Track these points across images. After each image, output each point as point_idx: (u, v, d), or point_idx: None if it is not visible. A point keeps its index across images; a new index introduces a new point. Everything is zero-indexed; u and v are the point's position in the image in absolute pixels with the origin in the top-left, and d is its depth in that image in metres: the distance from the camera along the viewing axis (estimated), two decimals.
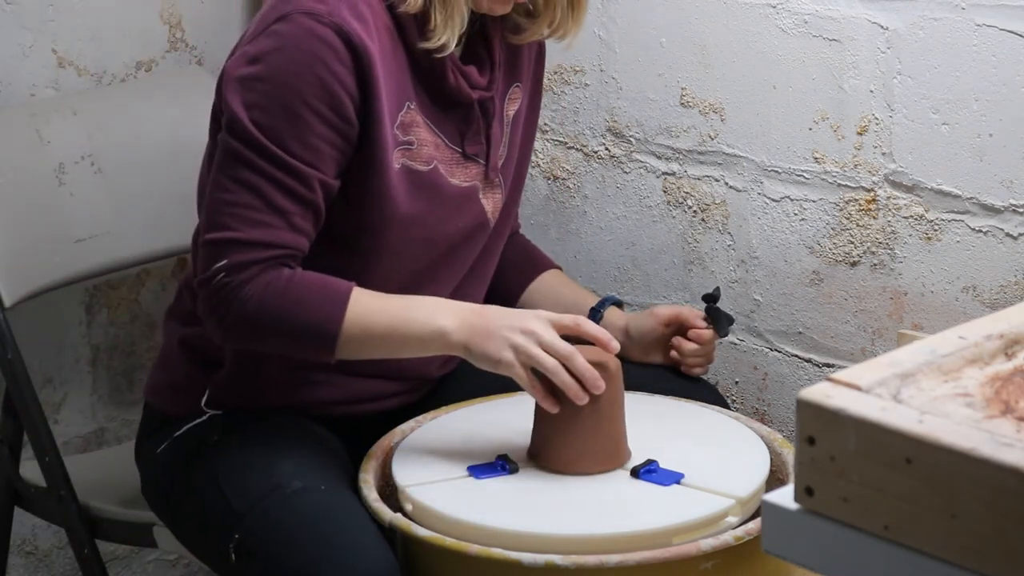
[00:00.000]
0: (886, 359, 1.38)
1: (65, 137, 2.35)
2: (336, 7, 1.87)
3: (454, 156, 2.00)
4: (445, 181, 1.99)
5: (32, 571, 2.61)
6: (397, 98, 1.93)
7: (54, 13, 2.47)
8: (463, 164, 2.02)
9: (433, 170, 1.98)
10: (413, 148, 1.96)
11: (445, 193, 2.00)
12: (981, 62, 2.10)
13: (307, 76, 1.86)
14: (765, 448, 1.98)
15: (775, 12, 2.28)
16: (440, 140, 1.99)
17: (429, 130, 1.98)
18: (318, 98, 1.86)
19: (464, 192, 2.02)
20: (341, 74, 1.86)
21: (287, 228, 1.88)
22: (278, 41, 1.88)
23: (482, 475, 1.92)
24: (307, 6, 1.87)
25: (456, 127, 2.00)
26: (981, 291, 2.16)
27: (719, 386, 2.46)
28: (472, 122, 2.02)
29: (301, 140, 1.87)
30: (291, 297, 1.87)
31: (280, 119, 1.87)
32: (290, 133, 1.87)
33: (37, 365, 2.51)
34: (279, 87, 1.87)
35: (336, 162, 1.90)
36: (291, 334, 1.89)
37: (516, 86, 2.10)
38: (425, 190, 1.97)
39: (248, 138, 1.87)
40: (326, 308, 1.87)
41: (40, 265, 2.31)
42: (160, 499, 2.06)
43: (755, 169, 2.36)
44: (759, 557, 1.71)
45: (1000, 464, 1.19)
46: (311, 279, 1.89)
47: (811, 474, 1.30)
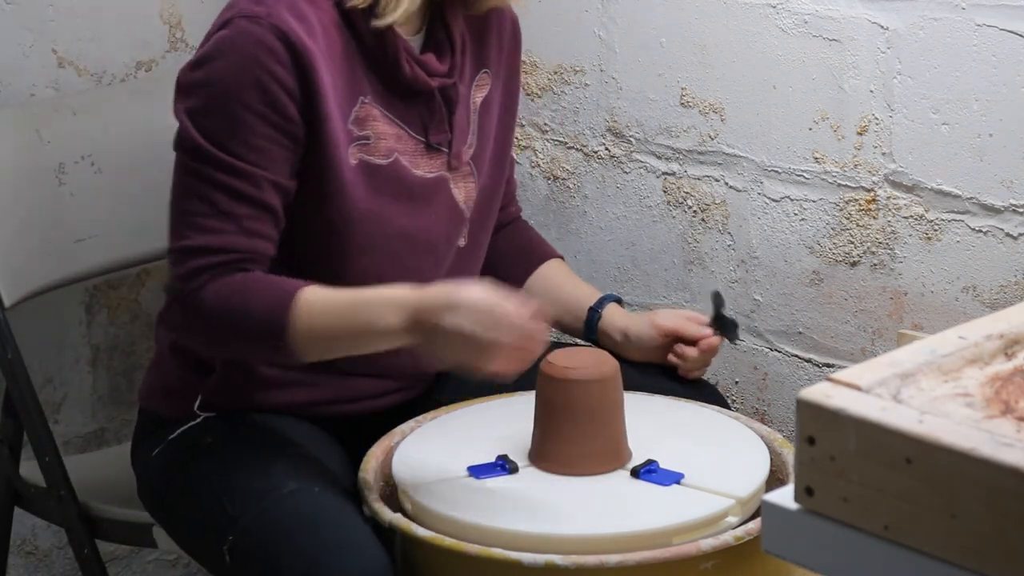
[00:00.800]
0: (886, 359, 1.38)
1: (65, 137, 2.35)
2: (274, 8, 1.88)
3: (418, 146, 1.99)
4: (408, 173, 1.98)
5: (32, 571, 2.61)
6: (348, 93, 1.93)
7: (54, 13, 2.47)
8: (428, 154, 2.00)
9: (394, 163, 1.97)
10: (370, 142, 1.95)
11: (409, 185, 1.99)
12: (981, 62, 2.10)
13: (246, 79, 1.87)
14: (765, 448, 1.98)
15: (775, 12, 2.28)
16: (402, 131, 1.98)
17: (388, 122, 1.97)
18: (258, 100, 1.87)
19: (431, 183, 2.01)
20: (279, 74, 1.87)
21: (239, 232, 1.88)
22: (218, 46, 1.89)
23: (482, 475, 1.92)
24: (246, 9, 1.89)
25: (419, 116, 1.99)
26: (981, 291, 2.16)
27: (719, 386, 2.46)
28: (435, 111, 2.00)
29: (245, 142, 1.87)
30: (239, 300, 1.86)
31: (222, 123, 1.87)
32: (233, 136, 1.87)
33: (37, 365, 2.51)
34: (219, 91, 1.88)
35: (287, 161, 1.90)
36: (245, 337, 1.88)
37: (484, 72, 2.08)
38: (386, 184, 1.97)
39: (194, 145, 1.89)
40: (273, 310, 1.84)
41: (40, 265, 2.31)
42: (156, 502, 2.06)
43: (755, 169, 2.36)
44: (759, 557, 1.71)
45: (1000, 464, 1.19)
46: (261, 281, 1.88)
47: (811, 474, 1.30)
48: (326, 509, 1.86)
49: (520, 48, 2.17)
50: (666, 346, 2.16)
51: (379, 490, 1.92)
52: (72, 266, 2.33)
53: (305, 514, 1.85)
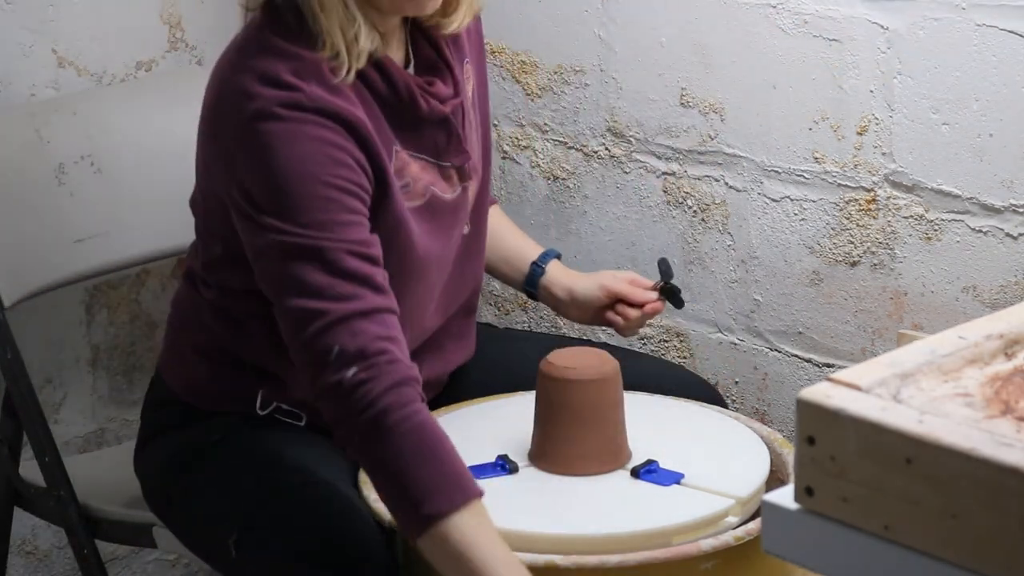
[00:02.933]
0: (886, 359, 1.38)
1: (65, 137, 2.35)
2: (309, 89, 1.81)
3: (439, 171, 1.97)
4: (441, 202, 1.97)
5: (32, 571, 2.61)
6: (386, 149, 1.89)
7: (54, 13, 2.47)
8: (448, 176, 1.99)
9: (430, 199, 1.95)
10: (410, 188, 1.93)
11: (444, 212, 1.98)
12: (981, 62, 2.10)
13: (316, 157, 1.79)
14: (765, 448, 1.99)
15: (775, 12, 2.28)
16: (425, 162, 1.95)
17: (414, 158, 1.94)
18: (333, 172, 1.80)
19: (456, 201, 2.00)
20: (340, 142, 1.81)
21: (371, 290, 1.80)
22: (271, 140, 1.80)
23: (482, 475, 1.92)
24: (284, 97, 1.80)
25: (432, 141, 1.96)
26: (981, 291, 2.16)
27: (719, 386, 2.46)
28: (451, 133, 1.97)
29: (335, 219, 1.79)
30: (422, 456, 1.74)
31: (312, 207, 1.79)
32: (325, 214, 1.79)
33: (37, 365, 2.51)
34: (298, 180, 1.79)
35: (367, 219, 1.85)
36: (388, 488, 1.76)
37: (466, 62, 2.05)
38: (429, 221, 1.95)
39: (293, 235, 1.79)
40: (435, 499, 1.72)
41: (40, 265, 2.31)
42: (161, 501, 2.06)
43: (755, 169, 2.36)
44: (759, 557, 1.71)
45: (1000, 464, 1.19)
46: (449, 450, 1.76)
47: (811, 474, 1.30)
48: (331, 502, 1.86)
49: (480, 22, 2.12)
50: (607, 307, 2.16)
51: None
52: (72, 266, 2.33)
53: (310, 507, 1.86)
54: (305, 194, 1.79)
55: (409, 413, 1.74)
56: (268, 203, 1.80)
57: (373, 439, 1.74)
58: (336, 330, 1.76)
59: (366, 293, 1.78)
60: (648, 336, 2.55)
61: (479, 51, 2.11)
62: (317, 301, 1.77)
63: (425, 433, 1.75)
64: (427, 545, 1.73)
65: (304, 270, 1.78)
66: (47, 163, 2.32)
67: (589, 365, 1.93)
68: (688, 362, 2.50)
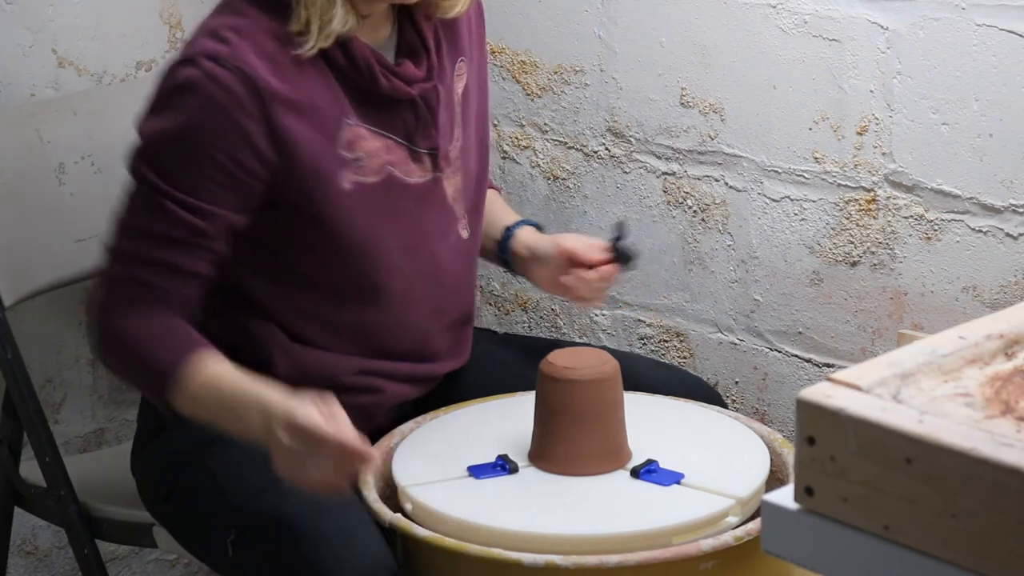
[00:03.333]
0: (886, 359, 1.38)
1: (65, 137, 2.35)
2: (239, 48, 1.86)
3: (406, 154, 1.98)
4: (401, 183, 1.98)
5: (32, 571, 2.61)
6: (333, 119, 1.91)
7: (54, 13, 2.47)
8: (417, 160, 1.99)
9: (387, 177, 1.96)
10: (363, 163, 1.94)
11: (403, 196, 1.98)
12: (981, 62, 2.10)
13: (209, 124, 1.85)
14: (765, 448, 1.98)
15: (775, 12, 2.28)
16: (390, 141, 1.96)
17: (376, 136, 1.95)
18: (219, 147, 1.86)
19: (424, 187, 2.00)
20: (244, 123, 1.85)
21: (175, 264, 1.89)
22: (182, 87, 1.87)
23: (482, 475, 1.92)
24: (209, 48, 1.86)
25: (403, 124, 1.97)
26: (981, 291, 2.16)
27: (719, 386, 2.47)
28: (420, 116, 1.98)
29: (197, 182, 1.87)
30: (144, 341, 1.88)
31: (178, 164, 1.87)
32: (186, 177, 1.87)
33: (37, 365, 2.51)
34: (180, 134, 1.87)
35: (235, 204, 1.89)
36: (136, 378, 1.93)
37: (461, 61, 2.06)
38: (382, 201, 1.96)
39: (146, 180, 1.89)
40: (165, 370, 1.87)
41: (40, 265, 2.31)
42: (159, 502, 2.06)
43: (755, 169, 2.36)
44: (759, 557, 1.71)
45: (1000, 464, 1.19)
46: (169, 330, 1.89)
47: (811, 474, 1.30)
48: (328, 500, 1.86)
49: (484, 25, 2.14)
50: (566, 268, 2.10)
51: (379, 490, 1.92)
52: (72, 266, 2.33)
53: (307, 505, 1.86)
54: (182, 154, 1.86)
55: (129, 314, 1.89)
56: (146, 144, 1.89)
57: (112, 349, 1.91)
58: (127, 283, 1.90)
59: (181, 257, 1.89)
60: (648, 336, 2.55)
61: (480, 53, 2.11)
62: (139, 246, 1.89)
63: (143, 325, 1.89)
64: (185, 404, 1.87)
65: (147, 217, 1.88)
66: (47, 163, 2.32)
67: (589, 365, 1.93)
68: (688, 362, 2.50)
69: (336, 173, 1.92)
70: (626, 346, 2.57)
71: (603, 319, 2.60)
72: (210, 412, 1.87)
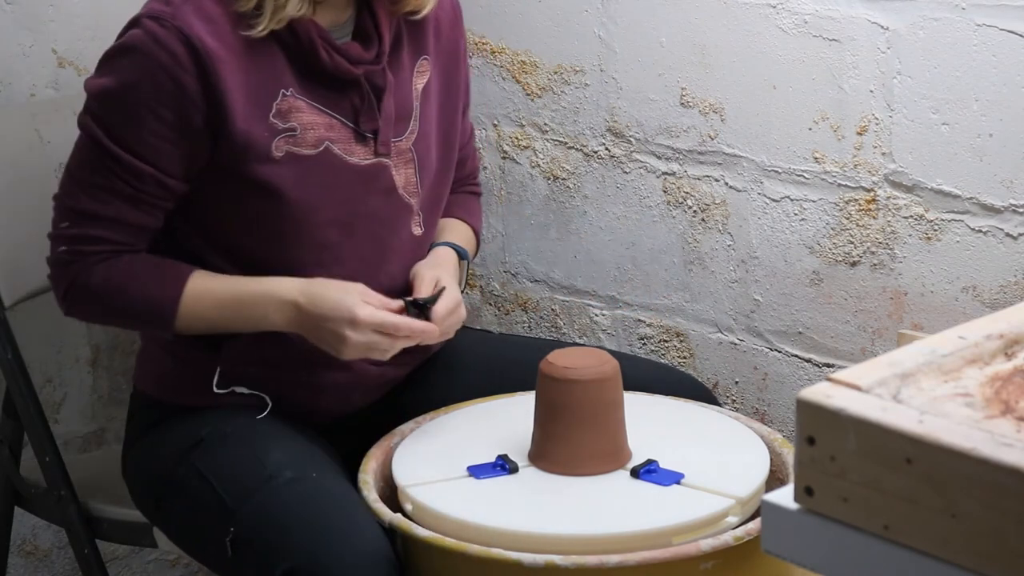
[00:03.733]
0: (886, 359, 1.38)
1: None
2: (180, 9, 1.92)
3: (350, 134, 2.01)
4: (341, 161, 2.00)
5: (32, 571, 2.61)
6: (268, 88, 1.95)
7: (54, 13, 2.47)
8: (362, 142, 2.02)
9: (324, 151, 1.99)
10: (297, 134, 1.97)
11: (342, 173, 2.00)
12: (981, 62, 2.10)
13: (148, 81, 1.91)
14: (765, 448, 1.99)
15: (775, 12, 2.28)
16: (333, 119, 1.99)
17: (317, 112, 1.99)
18: (159, 103, 1.92)
19: (367, 169, 2.02)
20: (182, 79, 1.91)
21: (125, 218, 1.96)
22: (125, 46, 1.94)
23: (482, 475, 1.92)
24: (154, 9, 1.93)
25: (349, 105, 2.01)
26: (981, 291, 2.16)
27: (719, 386, 2.47)
28: (364, 98, 2.01)
29: (141, 140, 1.93)
30: (127, 281, 1.97)
31: (122, 120, 1.94)
32: (129, 133, 1.93)
33: (37, 365, 2.51)
34: (122, 91, 1.93)
35: (178, 161, 1.95)
36: (131, 316, 2.02)
37: (424, 58, 2.09)
38: (316, 174, 1.99)
39: (93, 135, 1.95)
40: (161, 294, 1.97)
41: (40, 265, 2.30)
42: (152, 504, 2.06)
43: (755, 169, 2.36)
44: (759, 557, 1.71)
45: (1000, 464, 1.19)
46: (148, 263, 1.98)
47: (811, 474, 1.30)
48: (325, 494, 1.87)
49: (462, 31, 2.17)
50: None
51: (379, 490, 1.93)
52: None
53: (305, 500, 1.86)
54: (125, 111, 1.93)
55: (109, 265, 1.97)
56: (92, 101, 1.96)
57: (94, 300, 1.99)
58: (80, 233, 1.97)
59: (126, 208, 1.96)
60: (648, 336, 2.55)
61: (450, 58, 2.13)
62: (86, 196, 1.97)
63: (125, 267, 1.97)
64: (186, 322, 1.98)
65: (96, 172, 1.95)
66: (47, 163, 2.32)
67: (589, 365, 1.93)
68: (688, 362, 2.50)
69: (267, 140, 1.95)
70: (626, 346, 2.57)
71: (603, 319, 2.60)
72: (218, 321, 1.98)
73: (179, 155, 1.94)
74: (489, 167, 2.67)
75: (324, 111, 1.99)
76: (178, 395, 2.06)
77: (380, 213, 2.04)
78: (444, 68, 2.12)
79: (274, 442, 1.97)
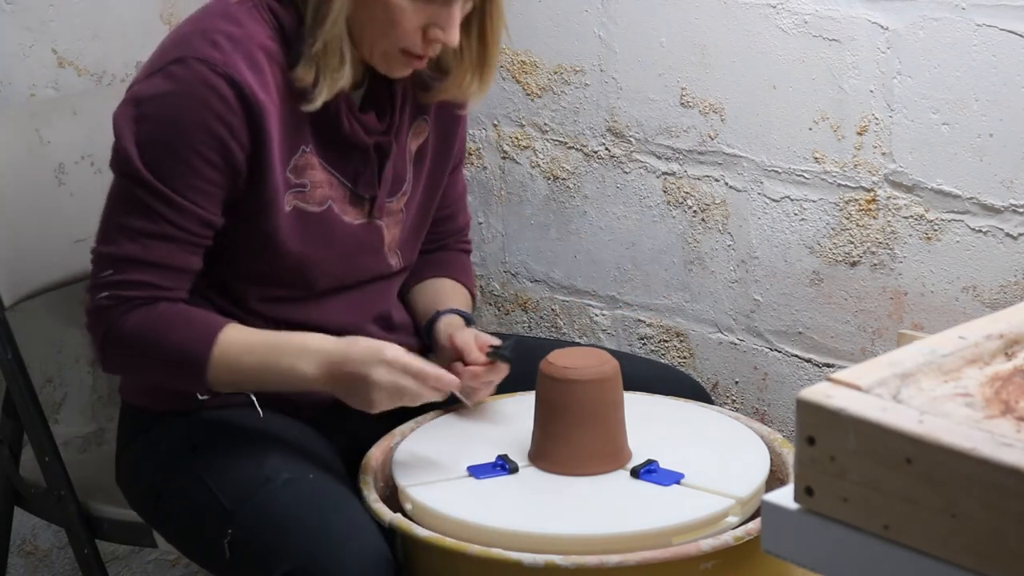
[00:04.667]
0: (886, 359, 1.38)
1: (65, 137, 2.35)
2: (231, 57, 1.91)
3: (347, 194, 2.03)
4: (339, 220, 2.03)
5: (32, 571, 2.61)
6: (291, 143, 1.97)
7: (54, 13, 2.47)
8: (355, 203, 2.05)
9: (327, 210, 2.02)
10: (306, 190, 2.00)
11: (338, 231, 2.03)
12: (981, 62, 2.10)
13: (198, 122, 1.90)
14: (765, 448, 1.98)
15: (775, 12, 2.28)
16: (334, 178, 2.02)
17: (323, 170, 2.01)
18: (207, 145, 1.90)
19: (358, 229, 2.06)
20: (232, 123, 1.90)
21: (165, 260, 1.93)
22: (172, 85, 1.91)
23: (482, 475, 1.92)
24: (204, 53, 1.91)
25: (352, 167, 2.03)
26: (981, 291, 2.16)
27: (719, 386, 2.47)
28: (368, 164, 2.04)
29: (186, 182, 1.91)
30: (162, 331, 1.92)
31: (167, 159, 1.91)
32: (175, 174, 1.90)
33: (37, 365, 2.51)
34: (169, 129, 1.91)
35: (220, 201, 1.95)
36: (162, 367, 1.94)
37: (423, 119, 2.12)
38: (318, 231, 2.01)
39: (135, 173, 1.91)
40: (194, 345, 1.92)
41: (40, 265, 2.31)
42: (149, 507, 2.06)
43: (755, 169, 2.36)
44: (759, 557, 1.71)
45: (1000, 464, 1.19)
46: (184, 314, 1.94)
47: (811, 474, 1.30)
48: (322, 495, 1.87)
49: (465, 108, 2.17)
50: (452, 360, 2.08)
51: (379, 490, 1.92)
52: (72, 266, 2.33)
53: (302, 501, 1.86)
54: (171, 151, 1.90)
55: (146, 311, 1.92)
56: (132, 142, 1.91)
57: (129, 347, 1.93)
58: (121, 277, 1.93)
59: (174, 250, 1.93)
60: (648, 336, 2.55)
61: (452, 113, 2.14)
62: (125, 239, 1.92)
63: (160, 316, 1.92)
64: (219, 378, 1.92)
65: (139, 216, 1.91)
66: (47, 163, 2.33)
67: (589, 365, 1.93)
68: (688, 362, 2.50)
69: (281, 193, 1.97)
70: (626, 346, 2.57)
71: (603, 319, 2.60)
72: (251, 375, 1.93)
73: (221, 195, 1.94)
74: (489, 167, 2.67)
75: (328, 169, 2.01)
76: (163, 403, 2.06)
77: (365, 269, 2.09)
78: (442, 128, 2.15)
79: (271, 443, 1.97)
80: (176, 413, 2.05)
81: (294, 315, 2.04)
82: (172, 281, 1.94)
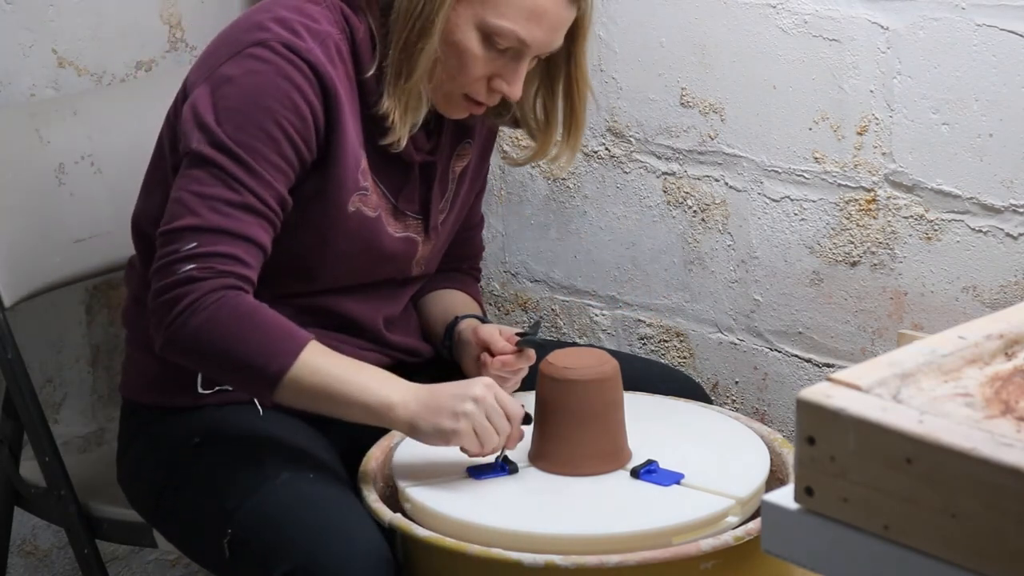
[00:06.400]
0: (886, 359, 1.38)
1: (65, 137, 2.35)
2: (313, 48, 1.93)
3: (390, 207, 2.06)
4: (385, 230, 2.05)
5: (32, 571, 2.61)
6: (358, 146, 1.99)
7: (54, 13, 2.47)
8: (399, 217, 2.07)
9: (378, 218, 2.04)
10: (367, 195, 2.02)
11: (385, 240, 2.05)
12: (981, 62, 2.10)
13: (282, 95, 1.90)
14: (765, 448, 1.98)
15: (775, 12, 2.28)
16: (380, 190, 2.04)
17: (373, 181, 2.03)
18: (287, 119, 1.91)
19: (400, 242, 2.08)
20: (314, 104, 1.92)
21: (255, 228, 1.90)
22: (256, 63, 1.92)
23: (482, 475, 1.92)
24: (286, 38, 1.92)
25: (395, 182, 2.05)
26: (981, 291, 2.16)
27: (719, 386, 2.47)
28: (410, 181, 2.07)
29: (266, 156, 1.91)
30: (246, 328, 1.86)
31: (251, 129, 1.90)
32: (259, 144, 1.90)
33: (37, 365, 2.51)
34: (253, 101, 1.91)
35: (289, 185, 1.94)
36: (233, 367, 1.88)
37: (467, 143, 2.15)
38: (369, 235, 2.03)
39: (220, 144, 1.90)
40: (279, 349, 1.86)
41: (40, 265, 2.31)
42: (150, 505, 2.06)
43: (755, 169, 2.36)
44: (759, 557, 1.71)
45: (1000, 464, 1.19)
46: (268, 317, 1.88)
47: (811, 474, 1.30)
48: (322, 494, 1.87)
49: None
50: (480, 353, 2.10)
51: (379, 490, 1.92)
52: (72, 266, 2.33)
53: (302, 500, 1.86)
54: (254, 121, 1.90)
55: (221, 300, 1.86)
56: (217, 113, 1.90)
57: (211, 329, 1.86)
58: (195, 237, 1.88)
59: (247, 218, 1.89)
60: (648, 336, 2.55)
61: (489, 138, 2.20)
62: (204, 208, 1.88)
63: (240, 309, 1.86)
64: (287, 395, 1.87)
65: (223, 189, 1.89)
66: (47, 163, 2.32)
67: (589, 365, 1.93)
68: (688, 362, 2.50)
69: (351, 191, 1.99)
70: (626, 346, 2.57)
71: (603, 319, 2.60)
72: (329, 375, 1.88)
73: (292, 177, 1.94)
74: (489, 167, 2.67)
75: (376, 181, 2.03)
76: (165, 397, 2.06)
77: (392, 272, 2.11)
78: (482, 152, 2.19)
79: (271, 443, 1.97)
80: (177, 411, 2.05)
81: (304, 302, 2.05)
82: (253, 258, 1.91)
